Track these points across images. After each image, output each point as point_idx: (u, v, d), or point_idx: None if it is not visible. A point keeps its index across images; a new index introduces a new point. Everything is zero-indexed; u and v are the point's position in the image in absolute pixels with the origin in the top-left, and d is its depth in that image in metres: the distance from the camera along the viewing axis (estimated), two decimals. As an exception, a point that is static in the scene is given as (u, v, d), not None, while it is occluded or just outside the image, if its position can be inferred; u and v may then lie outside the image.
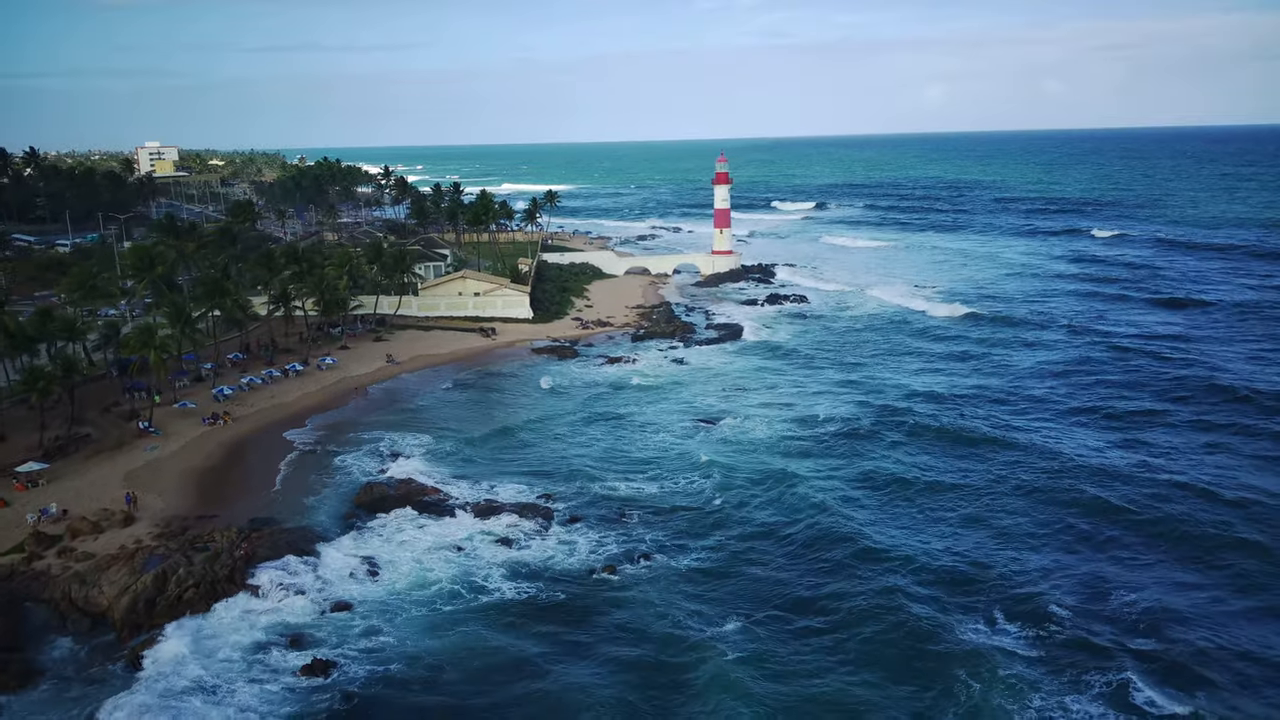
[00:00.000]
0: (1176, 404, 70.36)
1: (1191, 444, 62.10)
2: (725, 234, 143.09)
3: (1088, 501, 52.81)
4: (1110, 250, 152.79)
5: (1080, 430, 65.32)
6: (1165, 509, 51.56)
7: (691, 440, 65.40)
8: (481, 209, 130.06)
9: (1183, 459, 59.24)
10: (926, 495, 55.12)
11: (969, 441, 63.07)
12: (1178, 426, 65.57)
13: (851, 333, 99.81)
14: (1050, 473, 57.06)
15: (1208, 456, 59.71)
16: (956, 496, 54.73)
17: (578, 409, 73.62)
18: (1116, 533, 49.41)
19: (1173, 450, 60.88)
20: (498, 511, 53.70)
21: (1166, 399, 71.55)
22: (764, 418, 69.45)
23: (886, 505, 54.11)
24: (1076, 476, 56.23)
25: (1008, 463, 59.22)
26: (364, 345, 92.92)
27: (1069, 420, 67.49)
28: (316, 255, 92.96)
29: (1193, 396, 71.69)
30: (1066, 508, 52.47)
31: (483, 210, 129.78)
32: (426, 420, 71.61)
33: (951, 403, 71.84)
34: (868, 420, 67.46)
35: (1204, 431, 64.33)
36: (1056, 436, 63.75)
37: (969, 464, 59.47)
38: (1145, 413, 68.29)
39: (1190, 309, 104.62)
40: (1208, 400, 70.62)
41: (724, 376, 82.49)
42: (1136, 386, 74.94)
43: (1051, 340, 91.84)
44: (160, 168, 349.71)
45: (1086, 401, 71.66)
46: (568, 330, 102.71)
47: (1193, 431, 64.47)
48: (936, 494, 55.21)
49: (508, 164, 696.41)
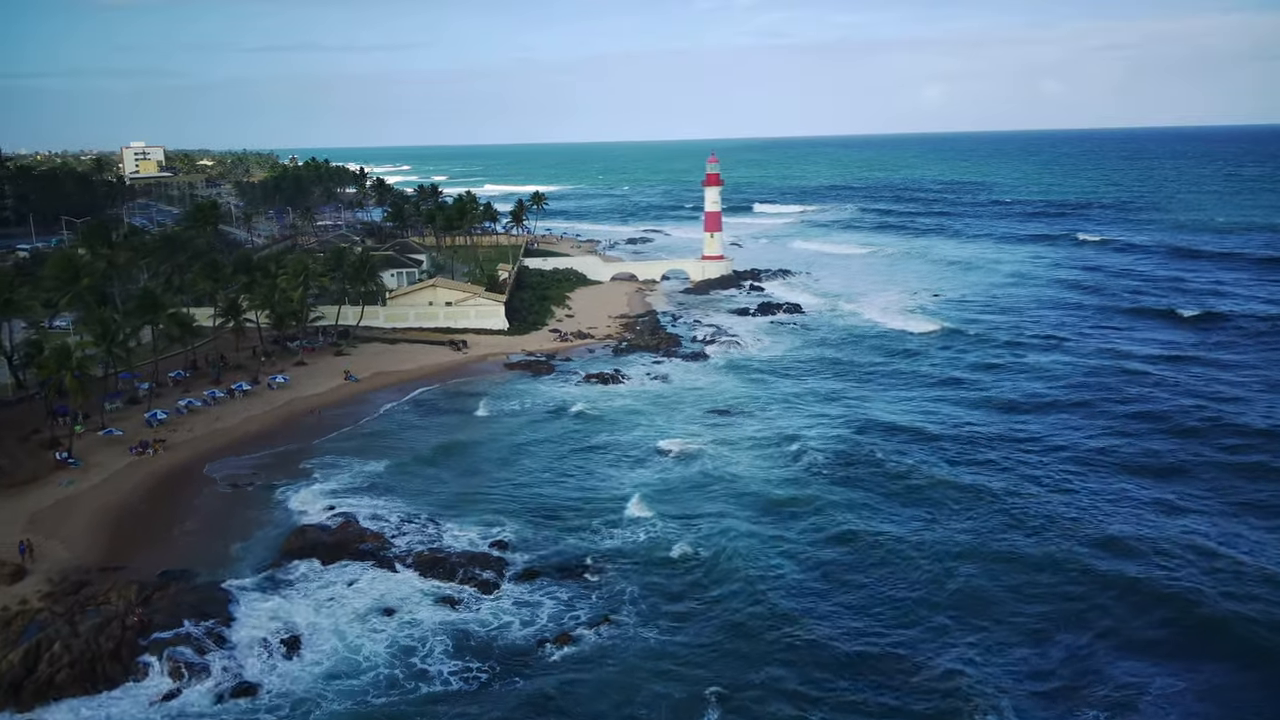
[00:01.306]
0: (1190, 445, 61.17)
1: (1208, 496, 53.77)
2: (716, 238, 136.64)
3: (1095, 579, 43.75)
4: (1113, 258, 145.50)
5: (1082, 480, 56.36)
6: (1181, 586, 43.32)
7: (668, 474, 58.82)
8: (457, 212, 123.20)
9: (1200, 519, 50.45)
10: (914, 560, 46.41)
11: (959, 490, 54.49)
12: (1193, 473, 56.90)
13: (845, 346, 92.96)
14: (1045, 537, 48.42)
15: (1230, 517, 50.92)
16: (950, 565, 45.60)
17: (546, 435, 67.01)
18: (1148, 630, 40.31)
19: (1186, 507, 52.19)
20: (443, 564, 47.09)
21: (1178, 438, 62.60)
22: (747, 449, 62.87)
23: (875, 570, 45.94)
24: (1077, 540, 47.71)
25: (1003, 524, 50.61)
26: (323, 360, 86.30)
27: (1070, 466, 58.74)
28: (271, 264, 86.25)
29: (1208, 434, 62.86)
30: (1068, 586, 43.71)
31: (458, 214, 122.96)
32: (379, 447, 64.98)
33: (944, 441, 63.13)
34: (859, 457, 60.09)
35: (1225, 480, 55.57)
36: (1055, 487, 55.34)
37: (958, 521, 50.82)
38: (1158, 462, 58.80)
39: (1201, 325, 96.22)
40: (1226, 440, 61.55)
41: (708, 397, 75.88)
42: (1147, 422, 66.08)
43: (1050, 365, 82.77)
44: (144, 168, 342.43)
45: (1089, 442, 62.41)
46: (545, 343, 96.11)
47: (1211, 480, 55.82)
48: (926, 560, 46.25)
49: (503, 164, 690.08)
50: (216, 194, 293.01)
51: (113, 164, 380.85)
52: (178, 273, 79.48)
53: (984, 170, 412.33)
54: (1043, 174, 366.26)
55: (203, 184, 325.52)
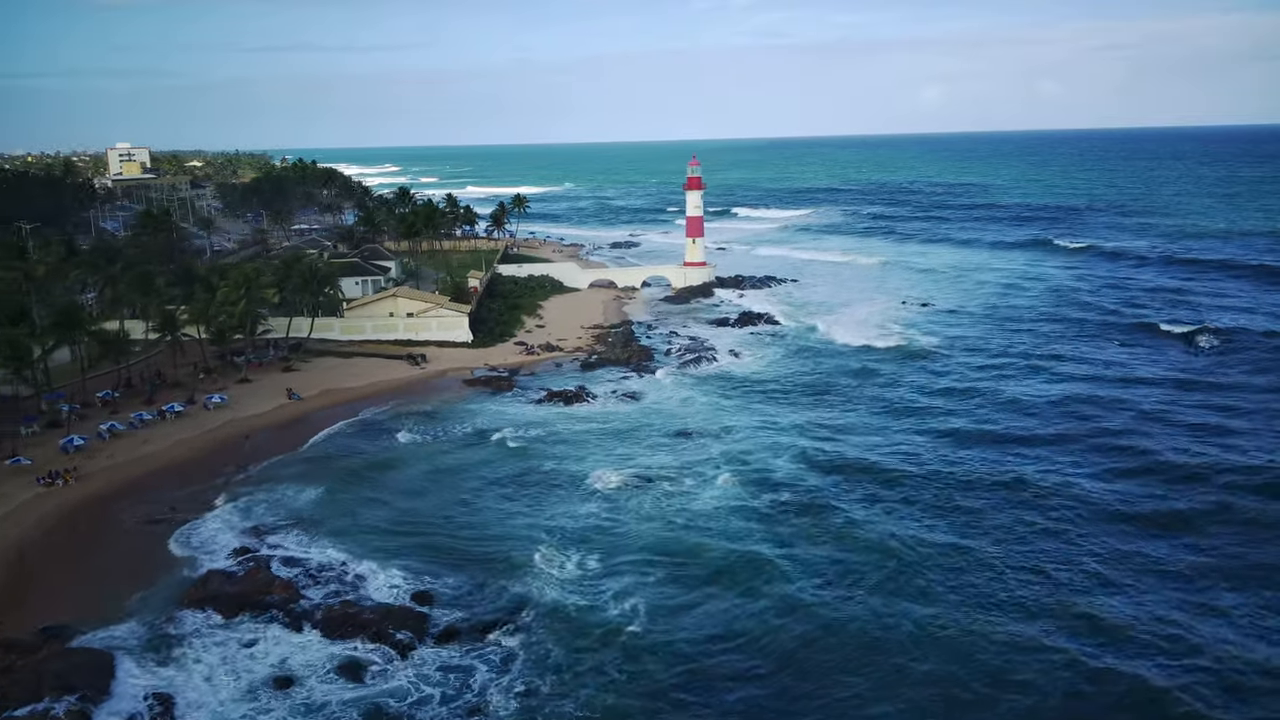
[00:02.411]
0: (1187, 492, 53.59)
1: (1208, 558, 46.34)
2: (698, 244, 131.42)
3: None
4: (1107, 266, 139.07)
5: (1067, 538, 48.70)
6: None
7: (618, 509, 53.63)
8: (423, 217, 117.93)
9: (1201, 590, 43.03)
10: (878, 641, 39.71)
11: (928, 550, 47.36)
12: (1191, 527, 49.44)
13: (822, 362, 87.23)
14: (1024, 614, 41.43)
15: (1234, 588, 43.29)
16: (916, 653, 38.68)
17: (494, 464, 61.77)
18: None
19: (1183, 572, 44.68)
20: (356, 621, 41.88)
21: (1172, 482, 54.99)
22: (712, 477, 57.70)
23: (830, 655, 39.27)
24: (1061, 621, 40.42)
25: (976, 596, 44.65)
26: (269, 377, 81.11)
27: (1054, 518, 50.86)
28: (215, 274, 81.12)
29: (1207, 477, 55.20)
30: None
31: (425, 219, 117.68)
32: (312, 477, 59.75)
33: (915, 485, 55.79)
34: (822, 502, 53.76)
35: (1228, 539, 47.87)
36: (1036, 546, 47.94)
37: (927, 591, 43.86)
38: (1151, 511, 51.35)
39: (1195, 343, 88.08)
40: (1228, 489, 53.46)
41: (677, 417, 70.69)
42: (1136, 460, 58.80)
43: (1032, 391, 74.75)
44: (128, 170, 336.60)
45: (1075, 484, 54.75)
46: (510, 356, 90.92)
47: (1214, 539, 47.97)
48: (891, 643, 39.44)
49: (497, 165, 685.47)
50: (198, 196, 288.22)
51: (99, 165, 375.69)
52: (110, 285, 74.32)
53: (980, 171, 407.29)
54: (1039, 175, 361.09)
55: (187, 186, 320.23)
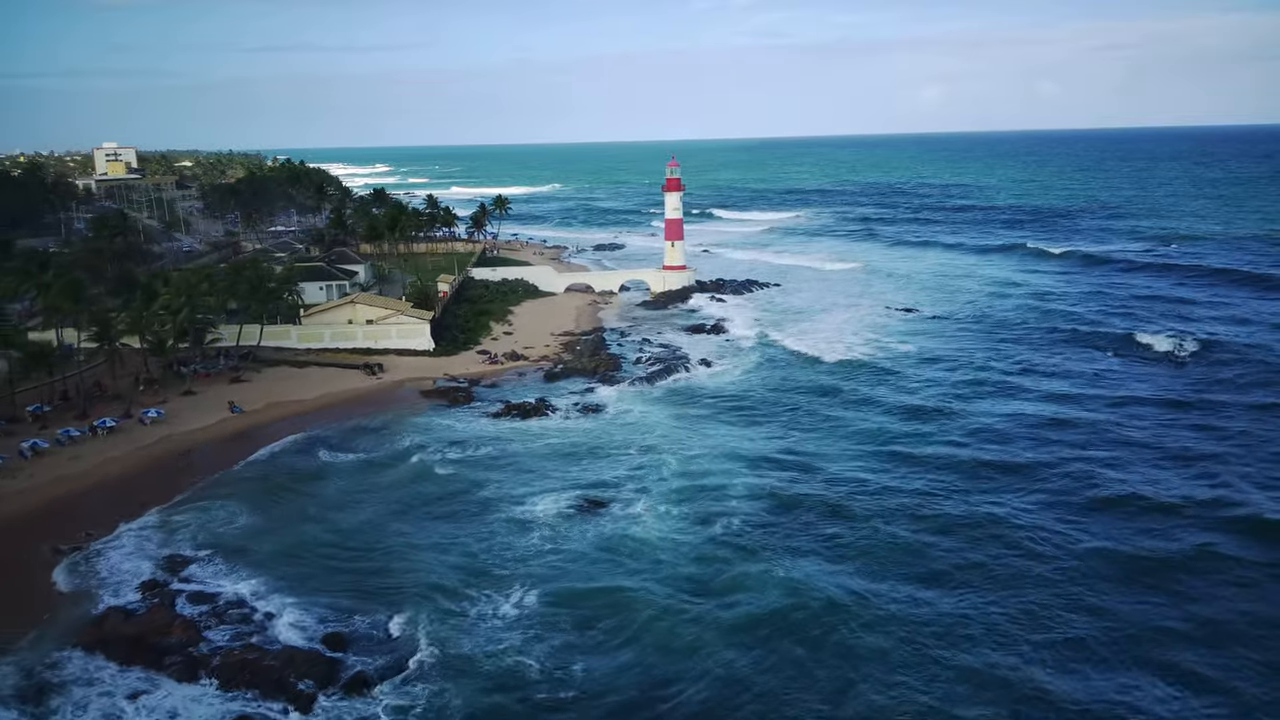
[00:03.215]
0: (1175, 539, 47.86)
1: (1201, 634, 39.70)
2: (678, 247, 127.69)
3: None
4: (1098, 272, 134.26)
5: (1039, 598, 42.90)
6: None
7: (560, 540, 49.78)
8: (388, 220, 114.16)
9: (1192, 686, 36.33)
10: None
11: (886, 620, 41.28)
12: (1182, 595, 42.61)
13: (796, 374, 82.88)
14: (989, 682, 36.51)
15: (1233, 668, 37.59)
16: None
17: (439, 486, 57.95)
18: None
19: (1171, 660, 37.89)
20: (255, 668, 38.08)
21: (1157, 532, 48.52)
22: (665, 502, 53.89)
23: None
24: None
25: (938, 675, 42.69)
26: (216, 388, 77.28)
27: (1027, 571, 45.17)
28: (160, 280, 77.40)
29: (1196, 523, 49.60)
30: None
31: (389, 222, 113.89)
32: (241, 500, 55.97)
33: (883, 522, 50.60)
34: (785, 527, 50.29)
35: (1226, 609, 41.20)
36: (1003, 607, 42.64)
37: (884, 656, 39.18)
38: (1132, 568, 45.03)
39: (1182, 360, 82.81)
40: (1224, 540, 47.61)
41: (635, 435, 66.82)
42: (1114, 495, 53.31)
43: (1009, 414, 68.70)
44: (113, 170, 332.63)
45: (1049, 530, 49.21)
46: (472, 365, 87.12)
47: (1211, 612, 41.31)
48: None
49: (493, 165, 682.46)
50: (184, 196, 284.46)
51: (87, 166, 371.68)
52: (43, 293, 70.58)
53: (976, 172, 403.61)
54: (1035, 176, 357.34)
55: (172, 186, 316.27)
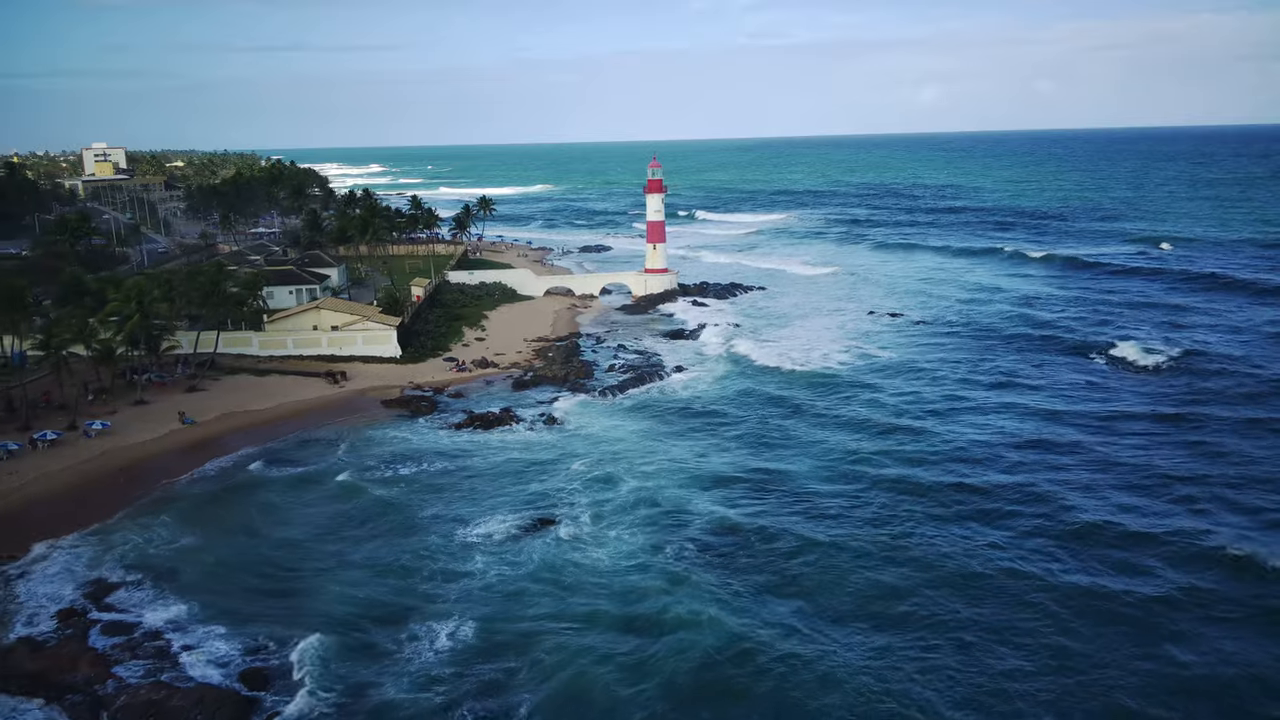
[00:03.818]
0: (1162, 581, 43.33)
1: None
2: (659, 250, 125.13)
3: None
4: (1085, 277, 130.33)
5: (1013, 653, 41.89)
6: None
7: (506, 564, 47.15)
8: (359, 223, 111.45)
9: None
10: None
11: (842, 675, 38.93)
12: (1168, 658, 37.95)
13: (770, 384, 79.54)
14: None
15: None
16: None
17: (388, 505, 55.26)
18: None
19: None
20: (160, 711, 35.50)
21: (1140, 571, 44.80)
22: (617, 525, 51.29)
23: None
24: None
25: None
26: (170, 398, 74.55)
27: (999, 628, 41.41)
28: (110, 287, 74.77)
29: (1183, 565, 45.10)
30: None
31: (359, 225, 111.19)
32: (184, 517, 53.51)
33: (851, 554, 47.14)
34: (743, 559, 47.19)
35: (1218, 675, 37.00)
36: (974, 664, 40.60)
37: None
38: (1117, 614, 41.15)
39: (1170, 372, 78.85)
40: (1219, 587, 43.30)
41: (599, 448, 64.14)
42: (1105, 532, 49.41)
43: (992, 435, 64.98)
44: (101, 170, 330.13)
45: (1027, 578, 44.40)
46: (439, 373, 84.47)
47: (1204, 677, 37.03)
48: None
49: (489, 165, 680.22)
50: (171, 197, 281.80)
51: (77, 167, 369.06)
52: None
53: (972, 173, 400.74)
54: (1031, 177, 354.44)
55: (160, 187, 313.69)
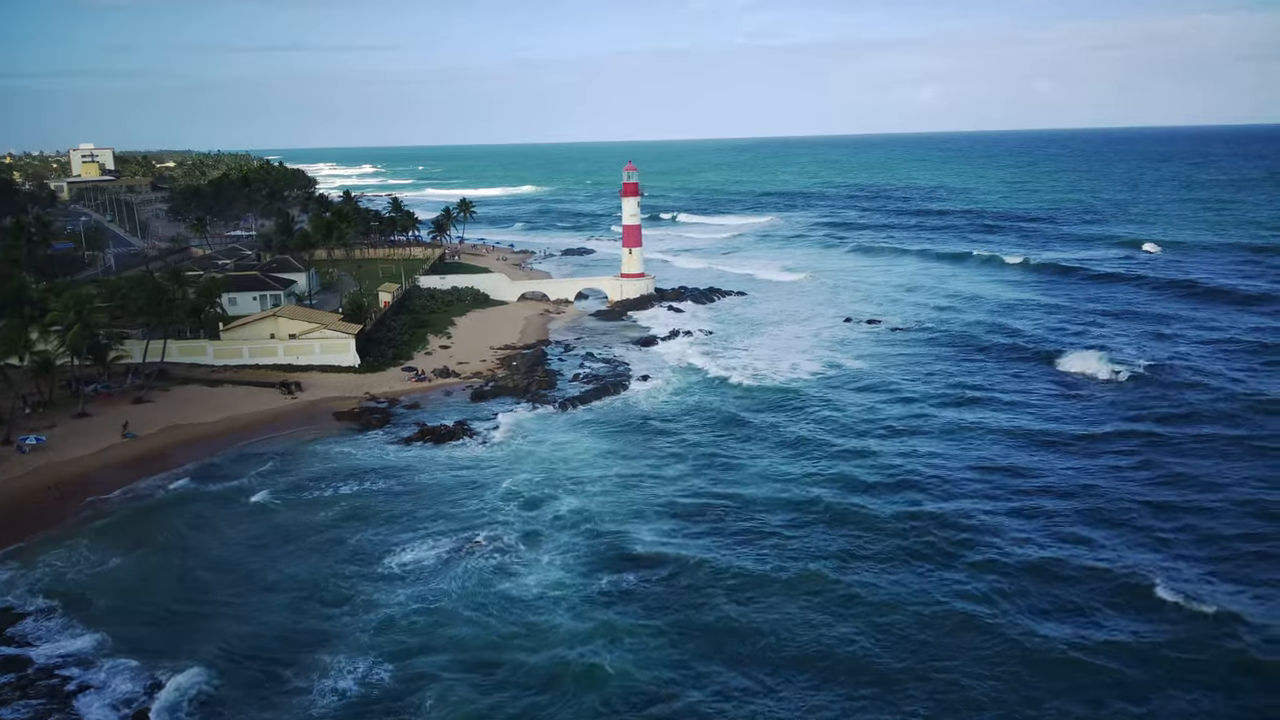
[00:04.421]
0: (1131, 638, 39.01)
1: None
2: (635, 254, 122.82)
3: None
4: (1068, 283, 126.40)
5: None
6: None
7: (431, 594, 44.83)
8: (323, 228, 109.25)
9: None
10: None
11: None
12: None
13: (736, 393, 77.47)
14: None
15: None
16: None
17: (318, 524, 53.13)
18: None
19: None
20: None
21: (1102, 624, 40.15)
22: (554, 550, 49.10)
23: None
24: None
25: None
26: (116, 410, 72.29)
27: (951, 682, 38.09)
28: (52, 295, 72.64)
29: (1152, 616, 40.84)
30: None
31: (324, 230, 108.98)
32: (111, 539, 51.53)
33: (796, 584, 44.30)
34: (678, 589, 44.53)
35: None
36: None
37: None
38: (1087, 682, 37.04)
39: (1142, 387, 73.89)
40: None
41: (547, 466, 61.66)
42: (1075, 577, 45.02)
43: (955, 457, 61.81)
44: (87, 171, 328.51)
45: (977, 626, 40.53)
46: (396, 383, 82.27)
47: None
48: None
49: (485, 166, 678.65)
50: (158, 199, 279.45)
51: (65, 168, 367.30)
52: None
53: (966, 174, 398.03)
54: (1026, 179, 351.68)
55: (146, 188, 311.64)
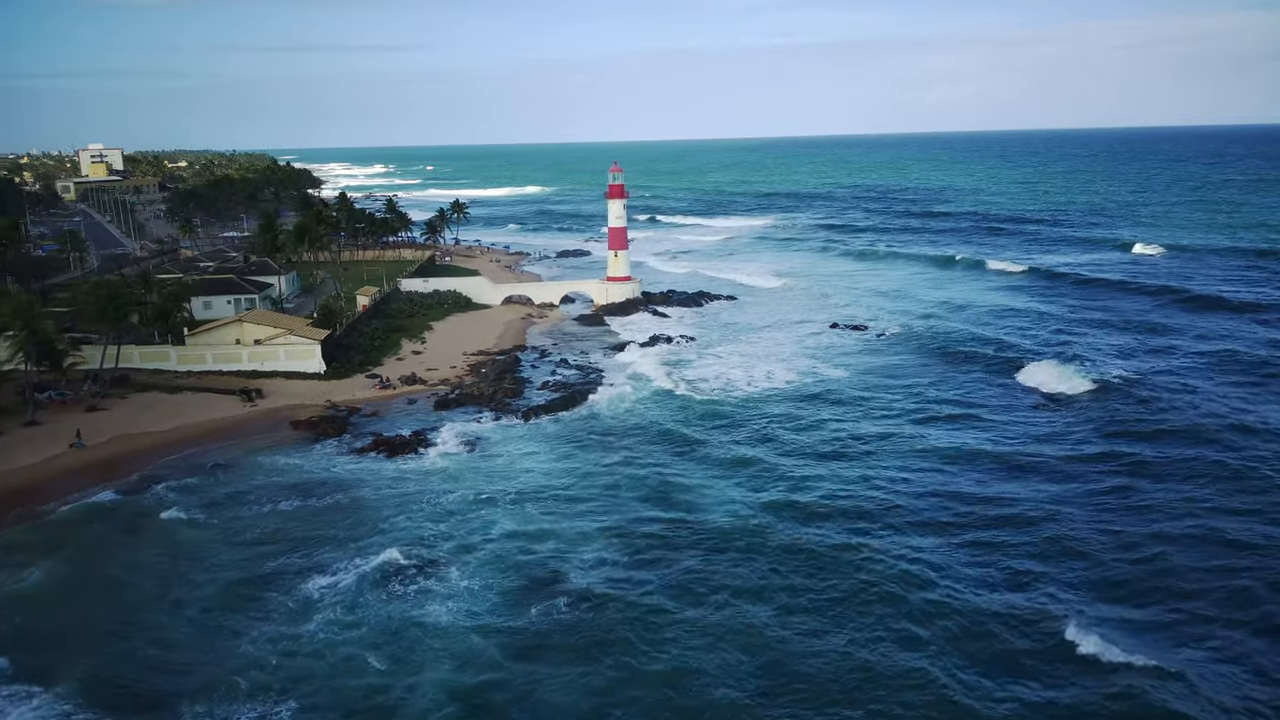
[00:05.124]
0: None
1: None
2: (621, 257, 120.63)
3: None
4: (1081, 292, 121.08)
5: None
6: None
7: (349, 623, 42.62)
8: (296, 233, 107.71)
9: None
10: None
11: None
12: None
13: (703, 404, 74.52)
14: None
15: None
16: None
17: (242, 546, 51.07)
18: None
19: None
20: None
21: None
22: (485, 573, 46.88)
23: None
24: None
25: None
26: (69, 418, 70.66)
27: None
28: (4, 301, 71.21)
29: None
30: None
31: (298, 233, 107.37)
32: (30, 558, 49.57)
33: (737, 627, 41.28)
34: (615, 617, 42.18)
35: None
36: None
37: None
38: None
39: (1147, 408, 68.23)
40: None
41: (496, 482, 59.36)
42: (1049, 643, 46.69)
43: (918, 482, 58.23)
44: (95, 171, 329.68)
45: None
46: (358, 391, 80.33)
47: None
48: None
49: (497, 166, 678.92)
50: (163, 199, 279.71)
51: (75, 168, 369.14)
52: None
53: (980, 175, 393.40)
54: (1041, 179, 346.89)
55: (154, 188, 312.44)
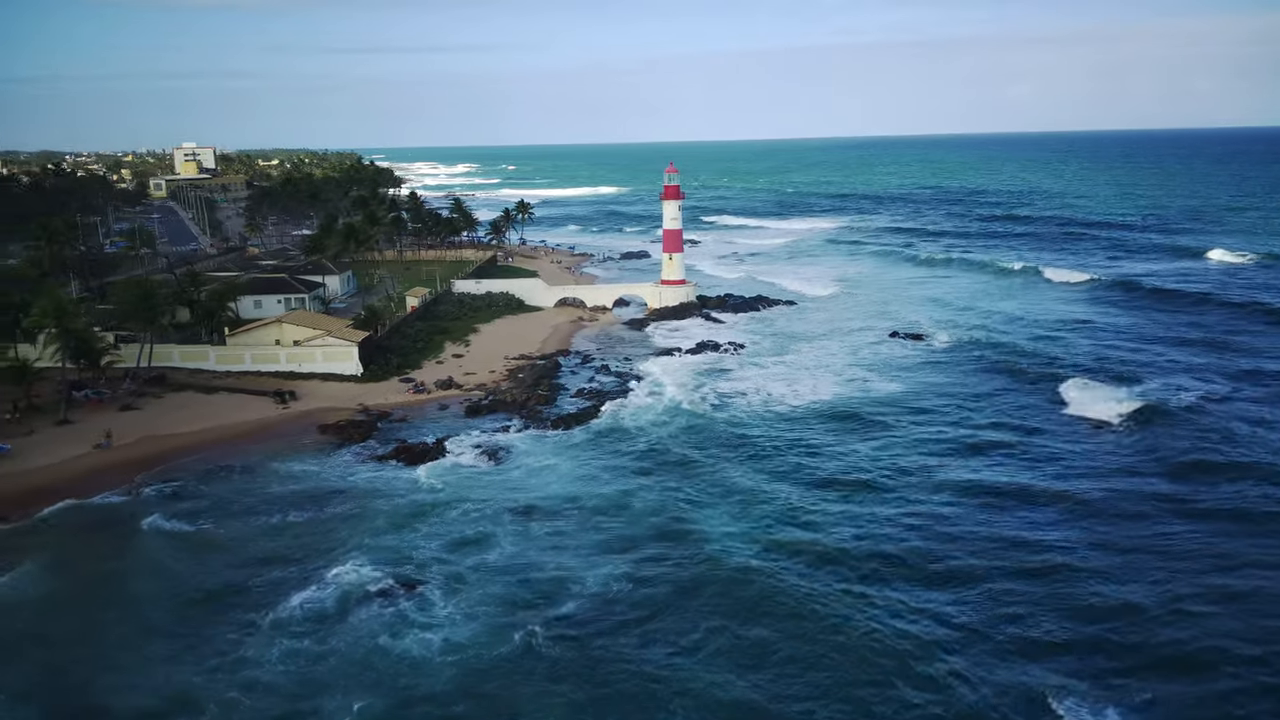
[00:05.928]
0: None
1: None
2: (676, 260, 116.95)
3: None
4: (1163, 306, 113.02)
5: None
6: None
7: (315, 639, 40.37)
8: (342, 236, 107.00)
9: None
10: None
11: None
12: None
13: (741, 418, 70.41)
14: None
15: None
16: None
17: (234, 562, 49.16)
18: None
19: None
20: None
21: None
22: (469, 598, 44.00)
23: None
24: None
25: None
26: (101, 417, 70.49)
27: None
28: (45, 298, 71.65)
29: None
30: None
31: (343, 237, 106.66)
32: (22, 564, 48.72)
33: (736, 667, 39.45)
34: (609, 652, 39.26)
35: None
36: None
37: None
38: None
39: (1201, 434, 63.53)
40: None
41: (510, 494, 56.61)
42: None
43: (965, 519, 57.35)
44: (186, 169, 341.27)
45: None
46: (392, 395, 78.58)
47: None
48: None
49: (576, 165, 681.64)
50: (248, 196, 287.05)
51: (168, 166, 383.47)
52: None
53: (1064, 177, 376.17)
54: (1138, 182, 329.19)
55: (241, 186, 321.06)
